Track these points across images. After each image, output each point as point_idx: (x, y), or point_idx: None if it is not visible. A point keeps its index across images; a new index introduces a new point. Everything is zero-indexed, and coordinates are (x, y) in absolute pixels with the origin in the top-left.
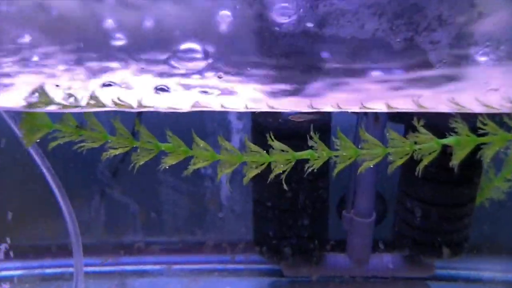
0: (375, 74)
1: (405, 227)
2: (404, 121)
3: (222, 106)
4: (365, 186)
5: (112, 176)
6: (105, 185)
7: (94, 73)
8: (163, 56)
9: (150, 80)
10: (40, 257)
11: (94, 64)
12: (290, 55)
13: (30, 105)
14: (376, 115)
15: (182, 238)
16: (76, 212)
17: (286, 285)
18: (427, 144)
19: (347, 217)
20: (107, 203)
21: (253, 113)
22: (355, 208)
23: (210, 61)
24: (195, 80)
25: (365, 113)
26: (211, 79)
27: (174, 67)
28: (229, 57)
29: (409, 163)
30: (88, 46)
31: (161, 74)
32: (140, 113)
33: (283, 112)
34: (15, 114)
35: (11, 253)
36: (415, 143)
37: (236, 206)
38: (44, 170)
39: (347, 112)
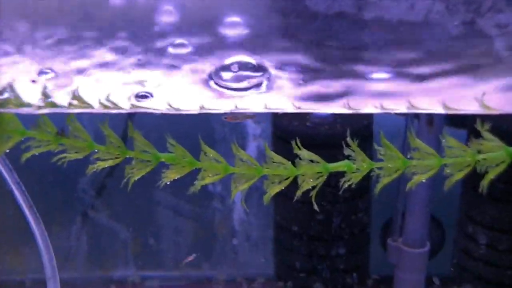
0: (427, 65)
1: (467, 259)
2: (466, 125)
3: (236, 107)
4: (416, 207)
5: (96, 194)
6: (88, 206)
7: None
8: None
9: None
10: None
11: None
12: (321, 43)
13: None
14: (429, 117)
15: (185, 272)
16: (53, 240)
17: None
18: (494, 154)
19: (394, 247)
20: (90, 229)
21: (275, 115)
22: (404, 235)
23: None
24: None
25: (416, 116)
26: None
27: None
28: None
29: (472, 178)
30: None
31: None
32: (132, 116)
33: (313, 114)
34: None
35: None
36: (479, 152)
37: (253, 232)
38: (13, 187)
39: (393, 114)
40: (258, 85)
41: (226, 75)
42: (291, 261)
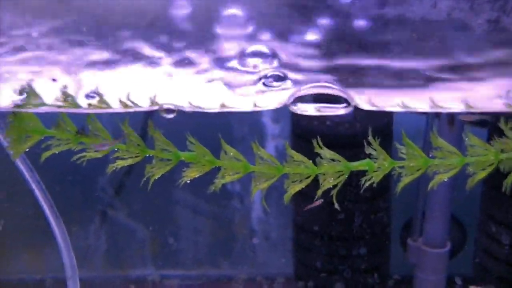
0: (450, 64)
1: (488, 259)
2: (487, 124)
3: (255, 105)
4: (437, 207)
5: (115, 193)
6: (106, 205)
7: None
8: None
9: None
10: None
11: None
12: (342, 40)
13: (18, 106)
14: (451, 117)
15: (204, 271)
16: (72, 239)
17: None
18: None
19: (414, 247)
20: (109, 228)
21: (294, 114)
22: (424, 235)
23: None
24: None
25: (437, 115)
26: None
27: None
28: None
29: (494, 177)
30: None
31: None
32: (151, 114)
33: None
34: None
35: None
36: (502, 150)
37: (273, 231)
38: (34, 187)
39: (414, 113)
40: None
41: None
42: (311, 262)
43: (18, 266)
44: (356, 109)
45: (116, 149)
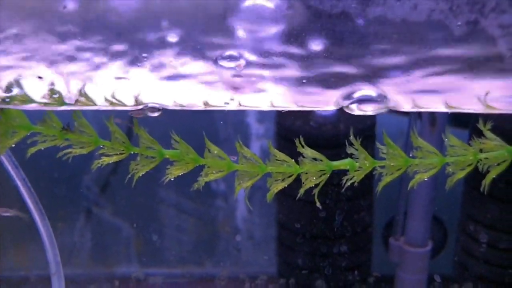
0: (430, 65)
1: (468, 258)
2: (468, 125)
3: (240, 104)
4: (418, 206)
5: (100, 191)
6: (92, 203)
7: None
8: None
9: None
10: None
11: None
12: (324, 41)
13: (4, 101)
14: (432, 117)
15: (187, 270)
16: (57, 237)
17: None
18: (496, 153)
19: (396, 246)
20: (94, 226)
21: (278, 114)
22: (406, 234)
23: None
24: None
25: (419, 116)
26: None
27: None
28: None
29: (474, 177)
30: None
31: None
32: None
33: (317, 113)
34: None
35: None
36: (481, 151)
37: (256, 230)
38: (19, 183)
39: (395, 114)
40: None
41: None
42: (293, 260)
43: (3, 263)
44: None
45: (101, 146)
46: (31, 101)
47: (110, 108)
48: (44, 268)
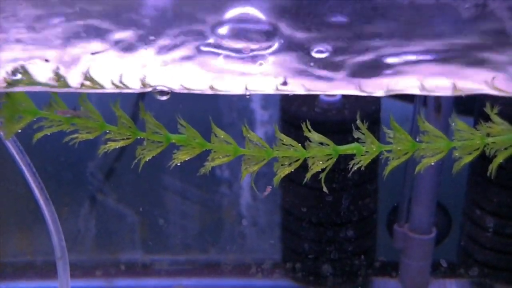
0: (438, 49)
1: (473, 245)
2: (473, 113)
3: (246, 88)
4: (423, 193)
5: (105, 178)
6: (96, 190)
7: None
8: None
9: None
10: (16, 277)
11: None
12: (329, 25)
13: (10, 84)
14: (437, 104)
15: (192, 257)
16: (61, 223)
17: None
18: (503, 137)
19: (400, 233)
20: (98, 212)
21: (283, 100)
22: (410, 221)
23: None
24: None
25: (424, 103)
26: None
27: None
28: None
29: (479, 163)
30: None
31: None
32: (142, 97)
33: (321, 99)
34: None
35: None
36: (488, 135)
37: (260, 217)
38: (24, 169)
39: (401, 101)
40: None
41: None
42: (298, 247)
43: (7, 248)
44: (345, 95)
45: (107, 131)
46: (38, 83)
47: (116, 91)
48: (50, 253)
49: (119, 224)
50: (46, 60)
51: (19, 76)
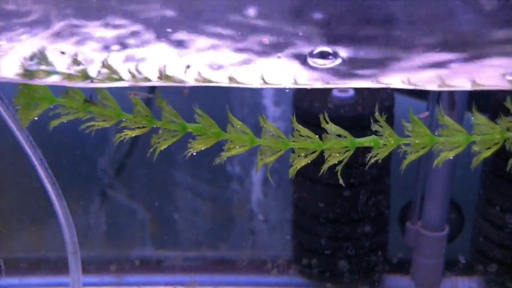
0: (457, 42)
1: (487, 243)
2: (487, 110)
3: (263, 80)
4: (436, 191)
5: (115, 174)
6: (106, 186)
7: None
8: None
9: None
10: (28, 273)
11: None
12: (343, 13)
13: (27, 74)
14: (451, 101)
15: (202, 253)
16: (72, 219)
17: None
18: None
19: (413, 230)
20: (109, 208)
21: (296, 96)
22: (422, 218)
23: None
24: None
25: (438, 100)
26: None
27: None
28: None
29: (493, 160)
30: None
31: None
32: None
33: (334, 95)
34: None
35: None
36: (508, 129)
37: (272, 214)
38: (36, 164)
39: (414, 98)
40: None
41: None
42: (309, 244)
43: (20, 243)
44: (358, 91)
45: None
46: (56, 72)
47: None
48: (61, 249)
49: (130, 220)
50: (62, 53)
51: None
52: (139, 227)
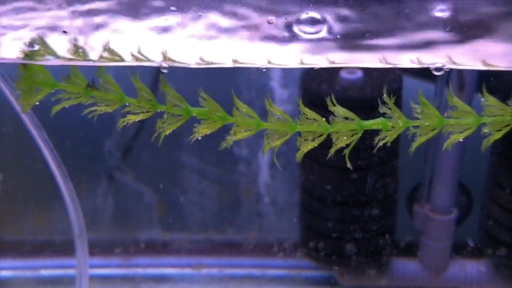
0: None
1: (495, 226)
2: (496, 92)
3: (269, 61)
4: (444, 174)
5: (122, 156)
6: (113, 168)
7: None
8: None
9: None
10: (34, 255)
11: None
12: None
13: (28, 56)
14: (461, 83)
15: (209, 236)
16: (79, 201)
17: None
18: None
19: (421, 213)
20: (116, 191)
21: (303, 79)
22: (431, 201)
23: None
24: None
25: (447, 82)
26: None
27: None
28: None
29: (503, 143)
30: None
31: None
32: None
33: (342, 77)
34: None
35: None
36: None
37: (279, 196)
38: (41, 145)
39: (422, 80)
40: None
41: None
42: (317, 227)
43: (25, 226)
44: (366, 73)
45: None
46: (56, 55)
47: (135, 64)
48: (68, 231)
49: (137, 202)
50: (64, 32)
51: (36, 47)
52: (145, 209)
